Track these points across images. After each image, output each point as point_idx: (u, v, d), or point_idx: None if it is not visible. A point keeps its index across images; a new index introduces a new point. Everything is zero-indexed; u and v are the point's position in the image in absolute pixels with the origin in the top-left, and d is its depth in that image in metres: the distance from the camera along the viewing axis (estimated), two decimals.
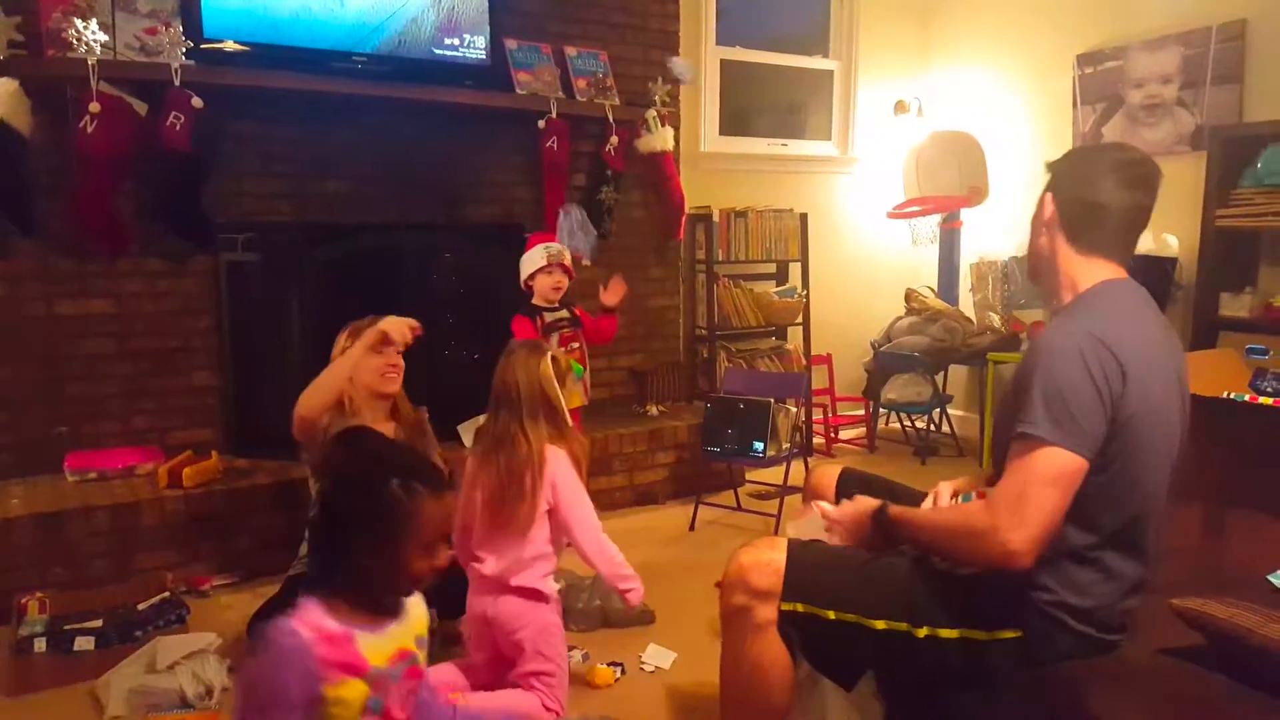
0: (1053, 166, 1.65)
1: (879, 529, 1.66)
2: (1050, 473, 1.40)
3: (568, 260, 3.21)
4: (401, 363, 2.56)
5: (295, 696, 1.27)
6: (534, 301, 3.17)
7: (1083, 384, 1.41)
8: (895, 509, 1.66)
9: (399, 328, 2.47)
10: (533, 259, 3.16)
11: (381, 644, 1.37)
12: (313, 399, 2.42)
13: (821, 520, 1.78)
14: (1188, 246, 3.97)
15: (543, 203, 3.84)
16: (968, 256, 4.92)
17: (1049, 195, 1.60)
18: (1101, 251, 1.57)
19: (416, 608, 1.45)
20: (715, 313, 4.47)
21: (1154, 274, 4.00)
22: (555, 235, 3.43)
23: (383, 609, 1.38)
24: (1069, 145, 4.53)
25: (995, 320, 4.59)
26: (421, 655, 1.45)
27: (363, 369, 2.50)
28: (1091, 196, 1.55)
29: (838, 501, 1.97)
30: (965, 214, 4.83)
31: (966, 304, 4.85)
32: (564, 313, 3.20)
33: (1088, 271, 1.57)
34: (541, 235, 3.31)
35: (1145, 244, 4.04)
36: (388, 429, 2.65)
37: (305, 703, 1.28)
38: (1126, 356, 1.43)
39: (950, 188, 4.61)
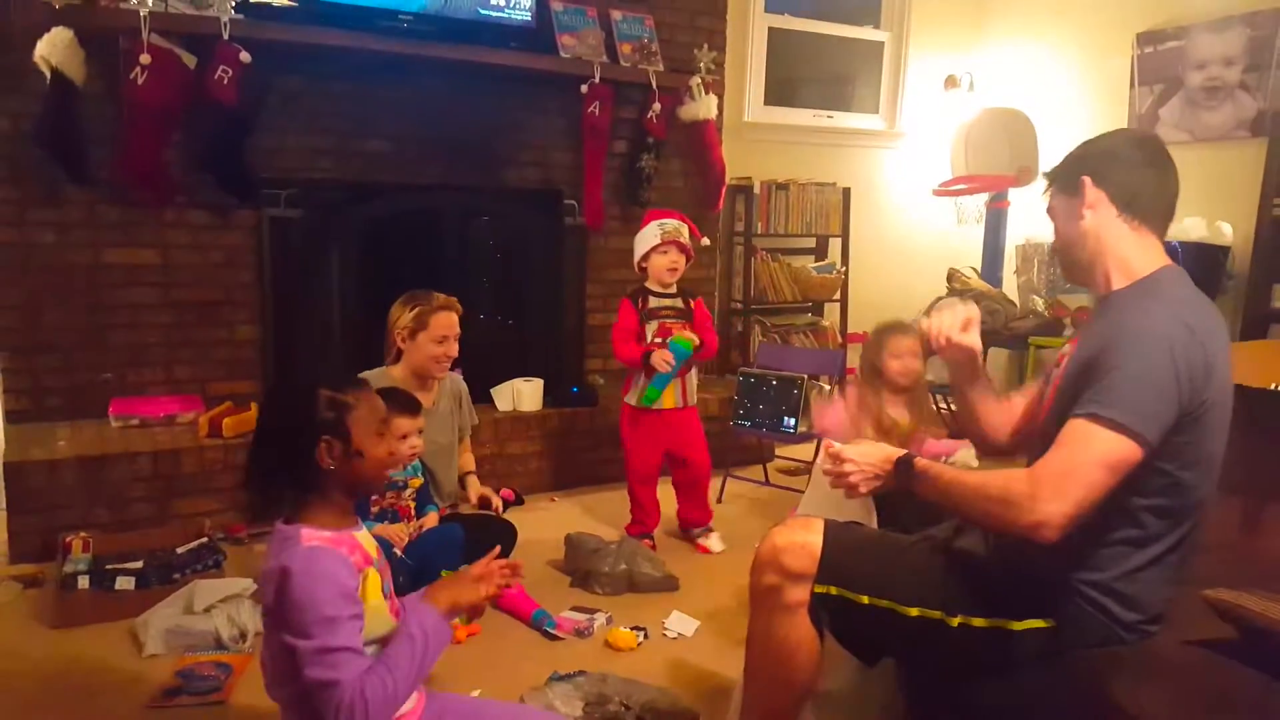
0: (1067, 158, 1.64)
1: (901, 479, 1.59)
2: (1110, 456, 1.37)
3: (685, 238, 2.94)
4: (456, 353, 2.66)
5: (350, 588, 1.35)
6: (647, 284, 2.99)
7: (1166, 374, 1.37)
8: (923, 462, 1.58)
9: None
10: (646, 237, 2.94)
11: (366, 539, 1.48)
12: None
13: (829, 490, 1.71)
14: (1242, 236, 3.90)
15: (582, 168, 3.83)
16: (1014, 238, 4.83)
17: (1085, 180, 1.55)
18: (1153, 225, 1.55)
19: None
20: (752, 286, 4.45)
21: (1205, 262, 3.91)
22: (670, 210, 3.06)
23: (353, 511, 1.49)
24: (1124, 126, 4.42)
25: (1039, 304, 4.51)
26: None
27: (421, 351, 2.60)
28: (1136, 173, 1.55)
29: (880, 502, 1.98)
30: (1013, 194, 4.75)
31: (1010, 286, 4.77)
32: (677, 301, 2.99)
33: (1142, 251, 1.55)
34: (658, 211, 3.06)
35: (1198, 231, 3.96)
36: (427, 399, 2.71)
37: (354, 596, 1.36)
38: (1211, 347, 1.42)
39: (999, 166, 4.52)
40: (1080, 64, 4.69)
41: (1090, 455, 1.37)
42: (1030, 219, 4.75)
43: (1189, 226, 3.98)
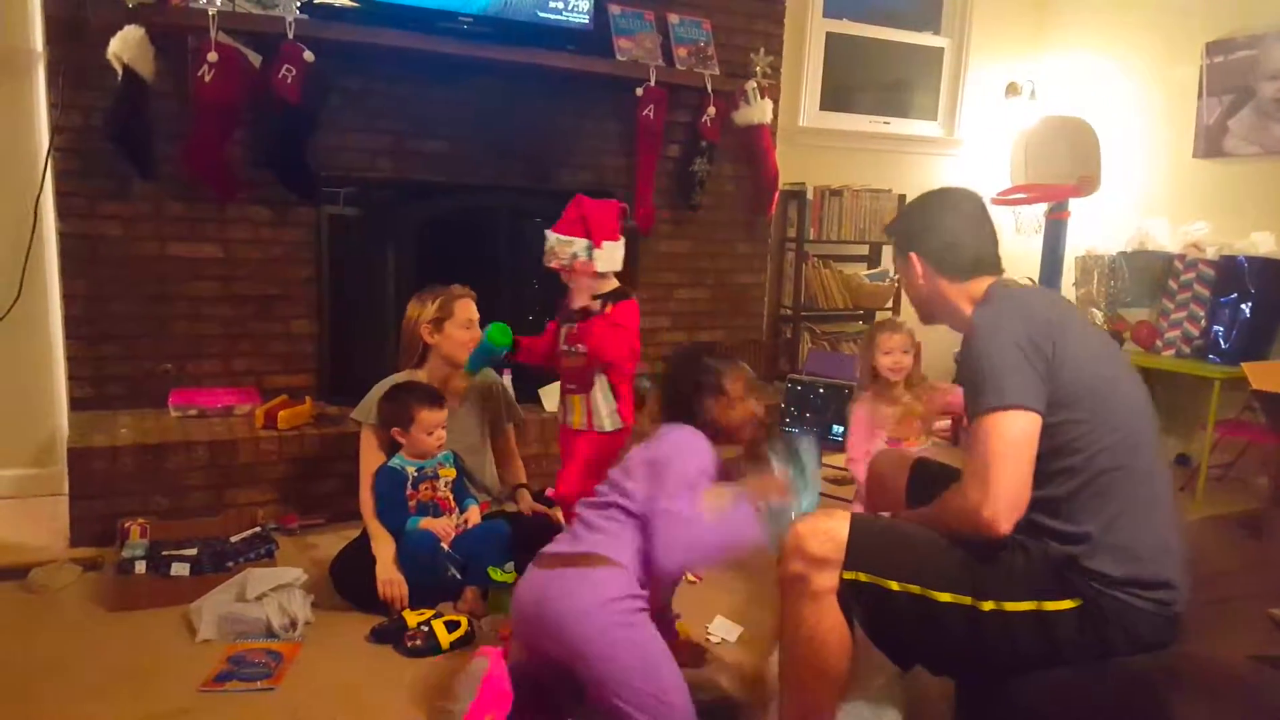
0: (896, 230, 1.94)
1: None
2: (1008, 435, 1.52)
3: (559, 263, 2.50)
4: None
5: (709, 468, 1.80)
6: None
7: (1007, 349, 1.56)
8: (907, 514, 1.84)
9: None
10: None
11: None
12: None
13: None
14: None
15: (635, 171, 3.83)
16: (1073, 249, 4.72)
17: (912, 255, 1.83)
18: (981, 273, 1.79)
19: None
20: (802, 292, 4.41)
21: (1271, 277, 3.82)
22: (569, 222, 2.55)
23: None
24: (1190, 137, 4.36)
25: (1098, 317, 4.40)
26: None
27: (450, 340, 2.64)
28: (948, 239, 1.80)
29: (909, 494, 2.03)
30: (1074, 204, 4.64)
31: (1069, 299, 4.67)
32: (595, 304, 2.53)
33: (970, 291, 1.78)
34: (569, 206, 2.57)
35: (1266, 245, 3.85)
36: (455, 396, 2.72)
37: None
38: (1041, 309, 1.64)
39: (1060, 176, 4.41)
40: (1146, 73, 4.57)
41: (993, 444, 1.52)
42: (1091, 230, 4.65)
43: (1257, 240, 3.86)
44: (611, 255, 2.54)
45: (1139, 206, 4.53)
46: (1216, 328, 3.92)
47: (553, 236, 2.53)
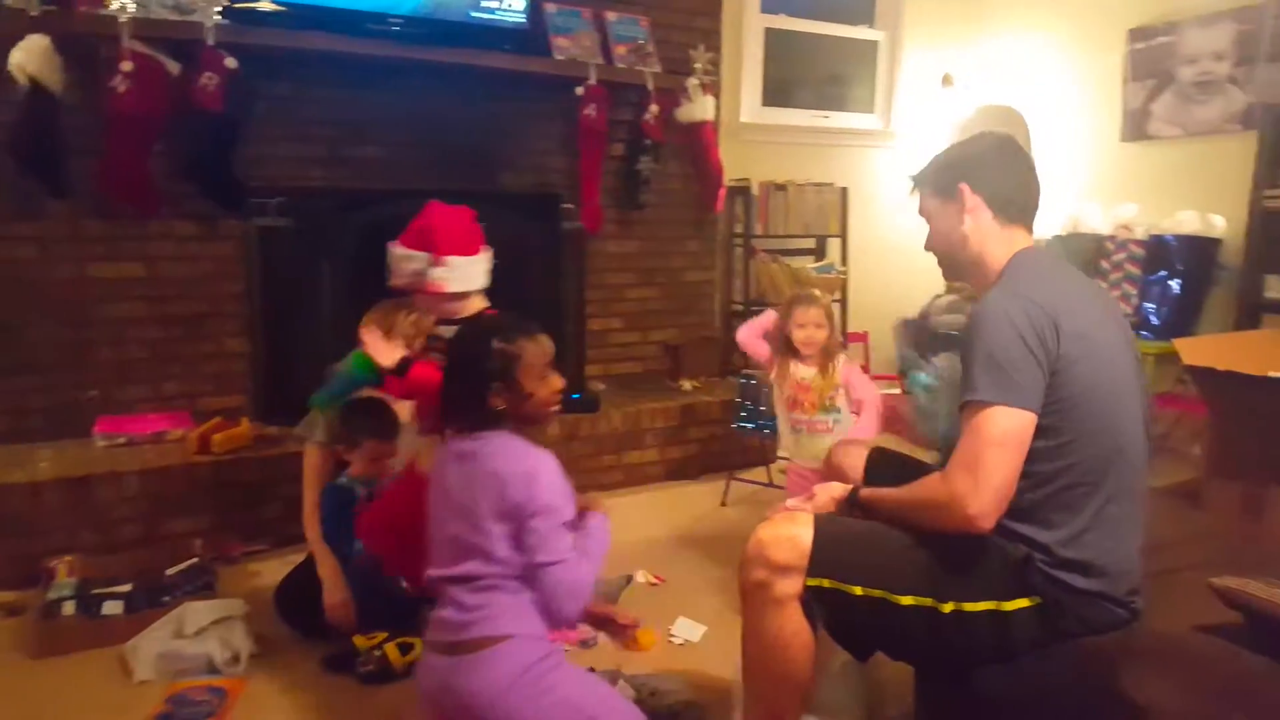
0: (941, 165, 1.76)
1: (855, 512, 1.72)
2: (996, 433, 1.47)
3: (403, 281, 2.18)
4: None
5: (558, 479, 1.56)
6: None
7: (1013, 342, 1.49)
8: (866, 491, 1.74)
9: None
10: None
11: None
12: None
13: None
14: (1234, 227, 3.90)
15: (579, 171, 3.77)
16: None
17: (963, 186, 1.68)
18: (1022, 221, 1.70)
19: None
20: (751, 287, 4.40)
21: (1198, 254, 3.95)
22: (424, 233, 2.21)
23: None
24: (1118, 122, 4.49)
25: None
26: None
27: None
28: (1001, 175, 1.69)
29: (866, 483, 1.99)
30: None
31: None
32: (442, 329, 2.23)
33: (1009, 246, 1.68)
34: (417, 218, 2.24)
35: (1191, 224, 3.96)
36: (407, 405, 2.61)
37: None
38: (1054, 307, 1.53)
39: None
40: (1073, 60, 4.69)
41: (982, 439, 1.48)
42: None
43: (1182, 220, 4.00)
44: (465, 272, 2.16)
45: (1071, 191, 4.61)
46: (1148, 305, 4.03)
47: (394, 250, 2.16)
